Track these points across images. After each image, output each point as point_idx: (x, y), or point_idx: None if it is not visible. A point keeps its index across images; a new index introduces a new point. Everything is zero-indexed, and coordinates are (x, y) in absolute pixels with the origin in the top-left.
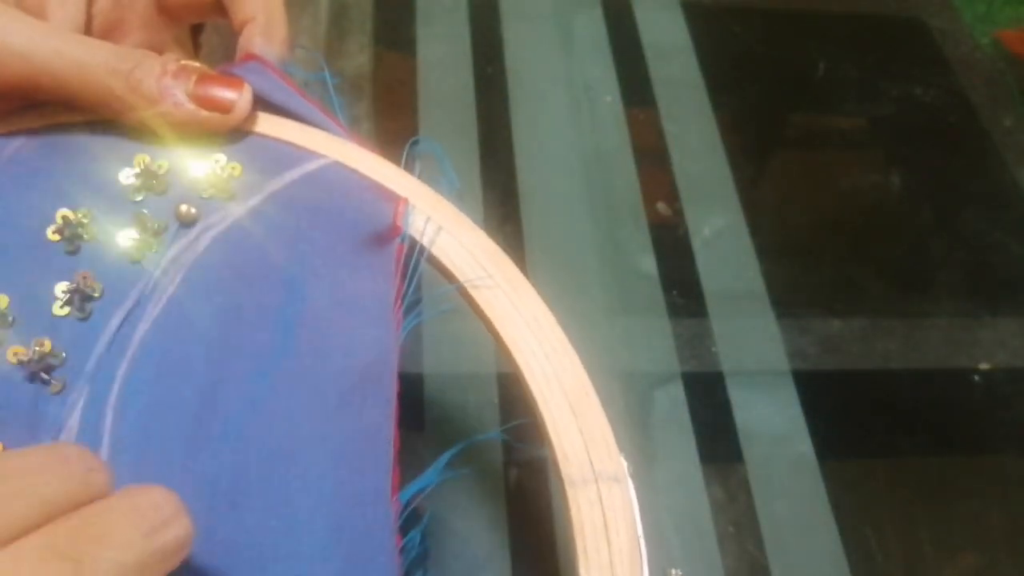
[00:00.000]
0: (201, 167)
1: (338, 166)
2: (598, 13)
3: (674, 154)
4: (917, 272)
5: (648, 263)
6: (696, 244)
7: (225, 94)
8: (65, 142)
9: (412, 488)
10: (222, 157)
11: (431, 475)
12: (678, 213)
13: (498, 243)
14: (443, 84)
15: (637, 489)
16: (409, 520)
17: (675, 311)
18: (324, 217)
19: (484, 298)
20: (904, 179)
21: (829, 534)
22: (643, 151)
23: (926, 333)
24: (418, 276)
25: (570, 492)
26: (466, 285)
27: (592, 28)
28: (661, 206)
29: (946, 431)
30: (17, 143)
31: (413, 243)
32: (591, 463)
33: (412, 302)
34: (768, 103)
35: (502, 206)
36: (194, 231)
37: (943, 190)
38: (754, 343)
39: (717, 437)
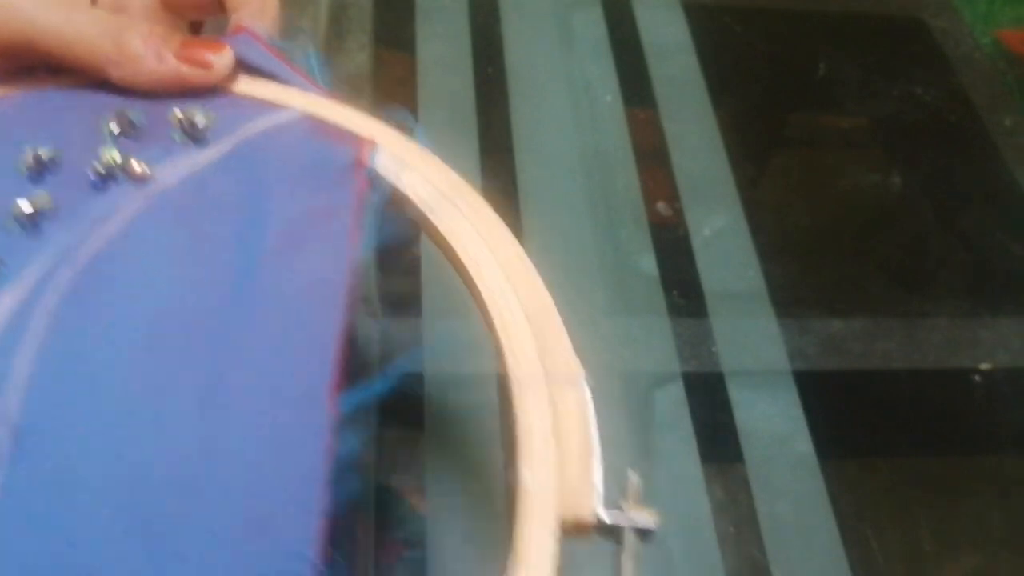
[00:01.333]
0: (176, 115)
1: (310, 118)
2: (598, 12)
3: (674, 154)
4: (918, 272)
5: (648, 263)
6: (696, 244)
7: (207, 54)
8: (50, 97)
9: (357, 394)
10: (197, 108)
11: (380, 382)
12: (678, 213)
13: None
14: (443, 83)
15: (596, 397)
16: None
17: (675, 311)
18: (290, 159)
19: (445, 225)
20: (904, 179)
21: (830, 534)
22: (643, 151)
23: (927, 333)
24: (379, 207)
25: (517, 393)
26: (427, 213)
27: (592, 27)
28: (661, 206)
29: (947, 431)
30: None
31: (378, 182)
32: (543, 365)
33: (373, 232)
34: (768, 103)
35: (502, 206)
36: (162, 169)
37: (943, 190)
38: (755, 343)
39: (717, 437)
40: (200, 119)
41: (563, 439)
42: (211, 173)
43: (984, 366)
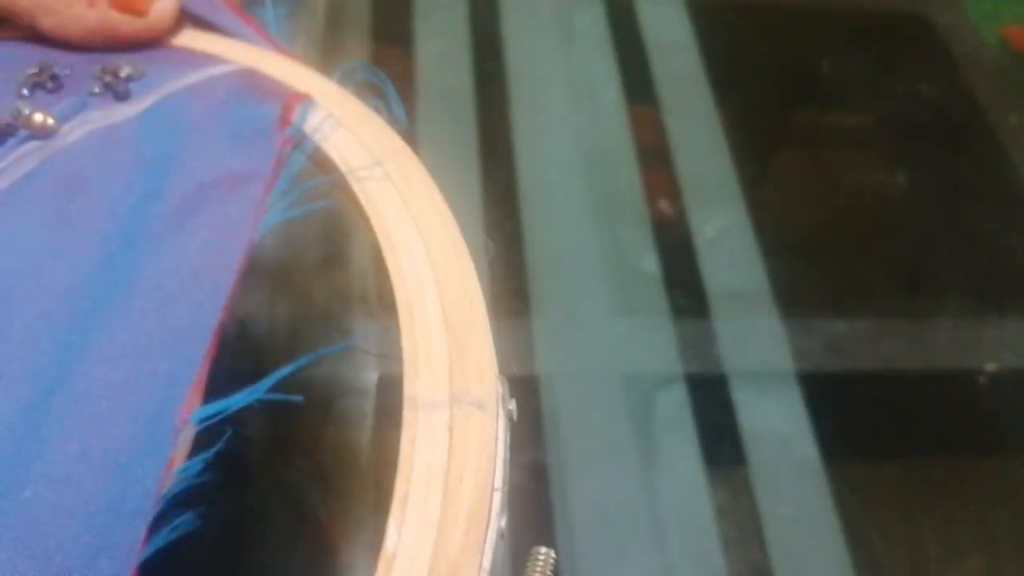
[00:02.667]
0: (99, 68)
1: (249, 71)
2: (600, 8)
3: (677, 152)
4: (923, 272)
5: (650, 262)
6: (699, 243)
7: (142, 1)
8: None
9: (214, 407)
10: (124, 61)
11: (246, 395)
12: (681, 212)
13: (497, 242)
14: (442, 81)
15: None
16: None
17: (678, 311)
18: (212, 117)
19: (365, 191)
20: (909, 177)
21: (834, 537)
22: (645, 149)
23: (932, 334)
24: (299, 169)
25: (408, 419)
26: (348, 177)
27: (593, 24)
28: (663, 204)
29: (953, 433)
30: None
31: (304, 143)
32: (449, 383)
33: (285, 196)
34: (772, 100)
35: (502, 204)
36: (70, 124)
37: (949, 189)
38: (758, 344)
39: (720, 439)
40: (125, 71)
41: (452, 486)
42: (122, 130)
43: (990, 367)
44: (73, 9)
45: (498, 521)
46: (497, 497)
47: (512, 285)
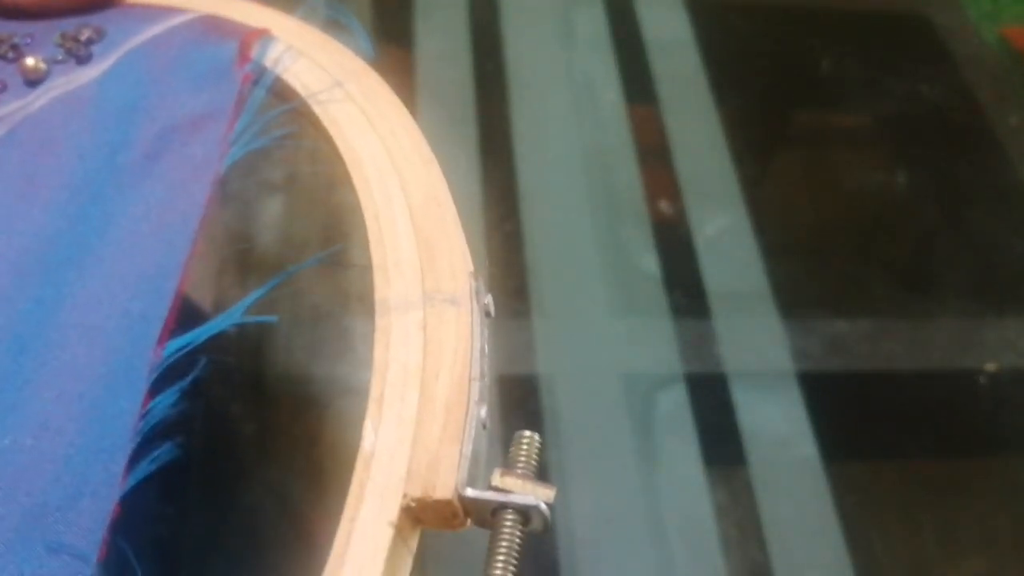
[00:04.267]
0: (62, 33)
1: (207, 18)
2: (600, 8)
3: (676, 151)
4: (922, 272)
5: (650, 262)
6: (699, 243)
7: None
8: None
9: (184, 339)
10: (85, 25)
11: (218, 321)
12: (680, 212)
13: (497, 242)
14: (442, 79)
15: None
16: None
17: (678, 311)
18: (174, 63)
19: (328, 113)
20: (909, 177)
21: (834, 537)
22: (645, 148)
23: (932, 334)
24: (260, 101)
25: (381, 322)
26: (309, 100)
27: (593, 23)
28: (663, 204)
29: (952, 433)
30: None
31: (264, 73)
32: (421, 283)
33: (248, 130)
34: (772, 100)
35: (502, 204)
36: (35, 92)
37: (948, 188)
38: (758, 344)
39: (720, 439)
40: (85, 34)
41: (428, 382)
42: (85, 91)
43: (990, 367)
44: None
45: (477, 410)
46: (476, 387)
47: (512, 285)
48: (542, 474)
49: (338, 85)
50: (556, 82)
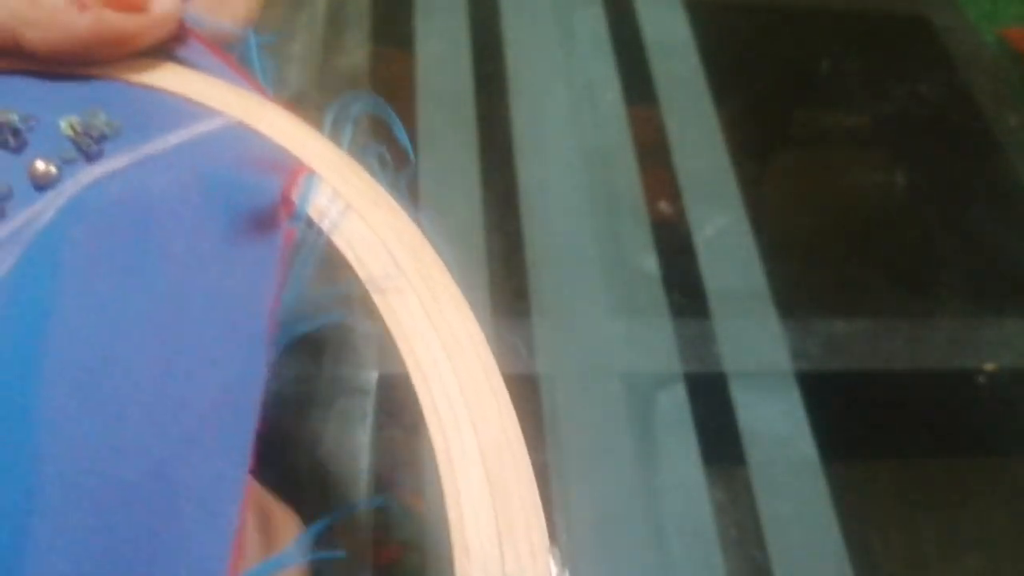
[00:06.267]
0: (70, 122)
1: (238, 128)
2: (599, 9)
3: (676, 152)
4: (922, 272)
5: (649, 262)
6: (698, 243)
7: None
8: None
9: (254, 571)
10: (100, 112)
11: (280, 558)
12: (680, 212)
13: (497, 242)
14: (442, 81)
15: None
16: None
17: (677, 311)
18: (201, 190)
19: (388, 304)
20: (908, 178)
21: (833, 537)
22: (645, 149)
23: (931, 333)
24: (311, 270)
25: None
26: (367, 285)
27: (593, 24)
28: (663, 205)
29: (951, 433)
30: None
31: (310, 226)
32: (502, 559)
33: (298, 306)
34: (771, 100)
35: (502, 205)
36: (44, 199)
37: (948, 189)
38: (757, 343)
39: (719, 439)
40: (98, 124)
41: None
42: (96, 207)
43: (989, 367)
44: (62, 16)
45: None
46: None
47: (512, 285)
48: (542, 474)
49: (394, 261)
50: (556, 83)
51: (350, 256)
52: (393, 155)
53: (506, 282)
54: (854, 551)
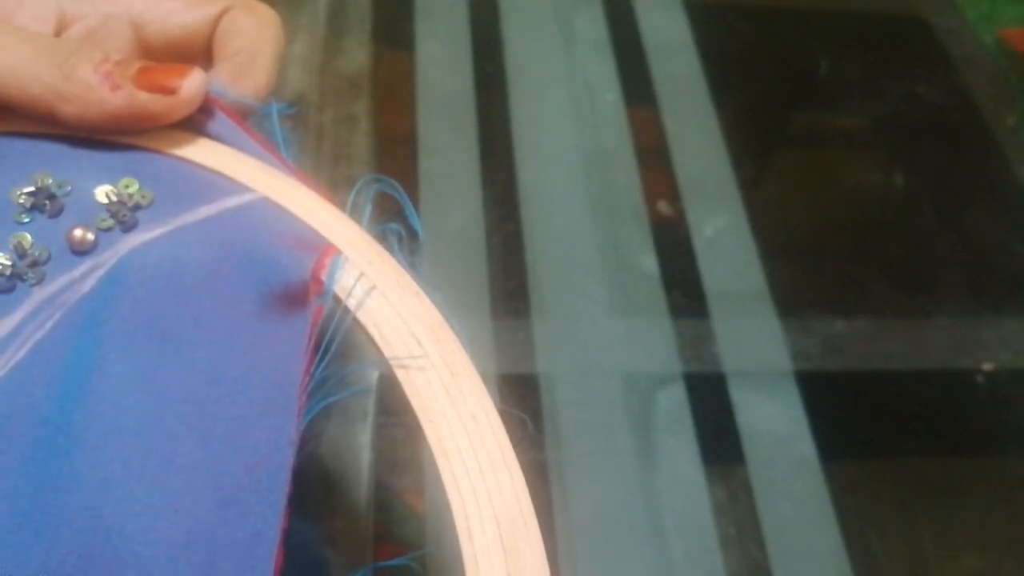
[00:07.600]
0: (106, 191)
1: (266, 204)
2: (599, 10)
3: (675, 153)
4: (920, 272)
5: (649, 263)
6: (698, 243)
7: (172, 78)
8: None
9: None
10: (133, 182)
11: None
12: (680, 212)
13: (498, 243)
14: (442, 82)
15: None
16: None
17: (677, 311)
18: (234, 265)
19: (412, 382)
20: (907, 178)
21: (831, 535)
22: (644, 150)
23: (929, 333)
24: (336, 348)
25: None
26: (392, 363)
27: (593, 26)
28: (662, 205)
29: (949, 432)
30: None
31: (337, 304)
32: None
33: (323, 379)
34: (770, 101)
35: (502, 206)
36: (83, 265)
37: (946, 189)
38: (756, 343)
39: (719, 438)
40: (132, 194)
41: None
42: (131, 276)
43: (987, 366)
44: (96, 94)
45: None
46: None
47: (512, 285)
48: (542, 472)
49: (417, 341)
50: (556, 83)
51: (375, 334)
52: (405, 229)
53: (506, 282)
54: (853, 548)
